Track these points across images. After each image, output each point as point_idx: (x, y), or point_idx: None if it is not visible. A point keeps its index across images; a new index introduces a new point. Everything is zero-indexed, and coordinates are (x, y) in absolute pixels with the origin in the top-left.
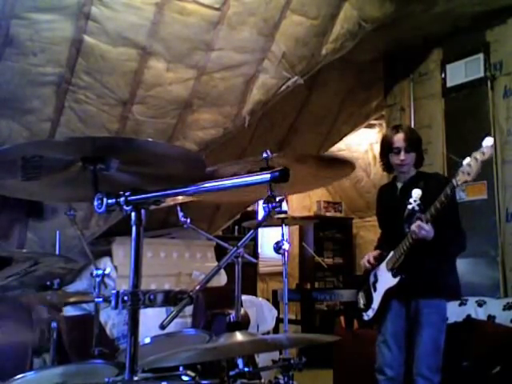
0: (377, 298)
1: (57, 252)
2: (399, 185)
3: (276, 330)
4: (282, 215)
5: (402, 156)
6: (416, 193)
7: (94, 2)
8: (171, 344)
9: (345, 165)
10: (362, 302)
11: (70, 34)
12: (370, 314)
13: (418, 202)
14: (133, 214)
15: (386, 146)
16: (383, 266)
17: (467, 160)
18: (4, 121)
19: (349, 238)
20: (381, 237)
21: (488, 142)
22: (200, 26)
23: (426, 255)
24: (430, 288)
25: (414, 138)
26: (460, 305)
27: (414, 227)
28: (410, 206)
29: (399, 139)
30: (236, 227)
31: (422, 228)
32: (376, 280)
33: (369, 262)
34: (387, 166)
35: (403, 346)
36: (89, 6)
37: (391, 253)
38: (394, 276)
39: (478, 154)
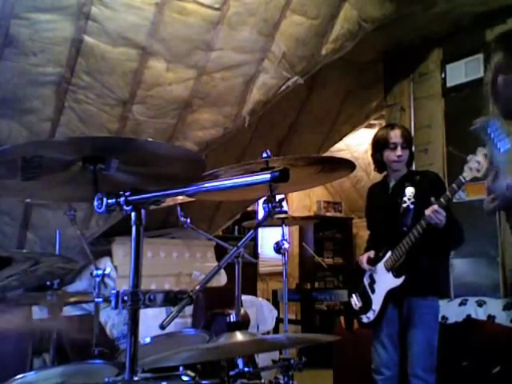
0: (377, 299)
1: (57, 252)
2: (391, 183)
3: (276, 330)
4: (282, 215)
5: (399, 151)
6: (409, 191)
7: (93, 2)
8: (171, 344)
9: (345, 165)
10: (357, 304)
11: (69, 34)
12: (371, 316)
13: (412, 199)
14: (133, 214)
15: (381, 143)
16: (380, 266)
17: (474, 156)
18: (4, 121)
19: (349, 237)
20: (371, 239)
21: None
22: (200, 26)
23: (424, 254)
24: (423, 287)
25: (409, 136)
26: (460, 305)
27: (428, 212)
28: (404, 204)
29: (396, 135)
30: (236, 227)
31: (439, 212)
32: (373, 281)
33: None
34: (380, 164)
35: (398, 346)
36: (89, 6)
37: (389, 252)
38: (397, 276)
39: (487, 150)
